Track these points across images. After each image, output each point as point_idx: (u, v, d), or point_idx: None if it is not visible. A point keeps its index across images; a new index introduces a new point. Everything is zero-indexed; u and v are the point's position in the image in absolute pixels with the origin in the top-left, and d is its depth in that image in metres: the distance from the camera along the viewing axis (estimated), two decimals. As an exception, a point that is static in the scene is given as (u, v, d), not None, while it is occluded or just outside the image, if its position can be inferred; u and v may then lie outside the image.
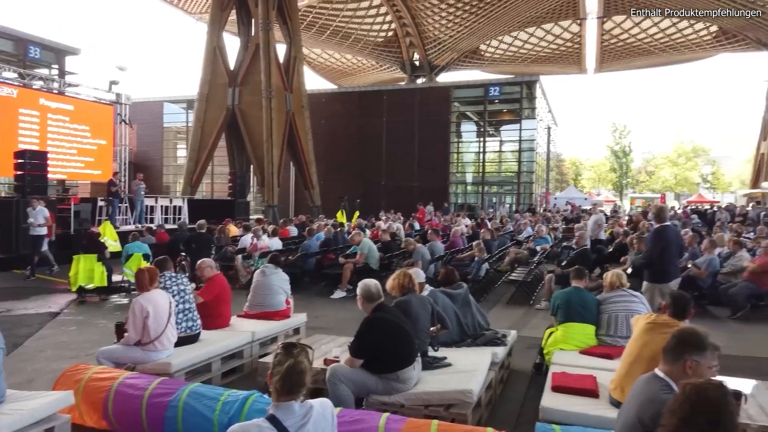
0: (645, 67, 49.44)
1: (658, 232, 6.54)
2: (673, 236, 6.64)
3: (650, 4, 35.77)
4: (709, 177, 59.92)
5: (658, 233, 6.53)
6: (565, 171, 65.02)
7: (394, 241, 13.02)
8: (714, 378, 2.21)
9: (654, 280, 6.42)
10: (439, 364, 4.58)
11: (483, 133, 34.05)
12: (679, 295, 4.02)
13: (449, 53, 41.83)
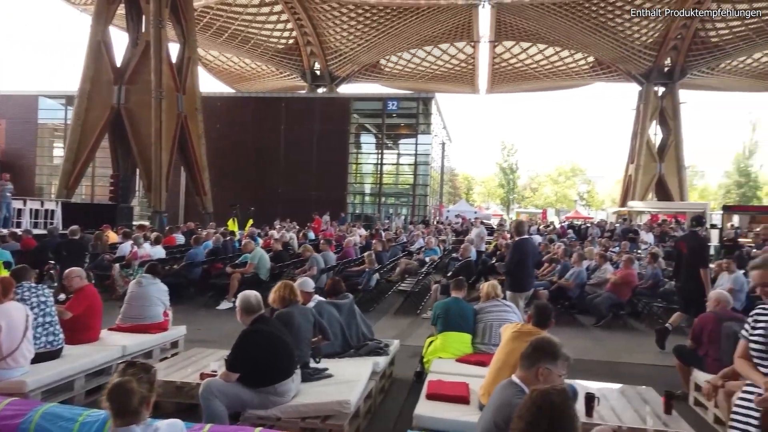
0: (532, 91, 53.00)
1: (518, 244, 7.03)
2: (531, 249, 7.17)
3: (536, 34, 38.53)
4: (585, 195, 65.21)
5: (518, 246, 7.02)
6: (458, 185, 67.80)
7: (287, 250, 12.87)
8: (558, 384, 2.40)
9: (513, 290, 6.88)
10: (320, 375, 4.58)
11: (381, 145, 34.72)
12: (543, 305, 4.32)
13: (350, 65, 42.27)
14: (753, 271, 2.84)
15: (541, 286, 9.69)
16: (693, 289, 7.51)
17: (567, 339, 8.31)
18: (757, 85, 44.68)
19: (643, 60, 39.46)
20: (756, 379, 2.76)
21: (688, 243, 8.04)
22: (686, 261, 7.74)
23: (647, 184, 41.84)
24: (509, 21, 36.90)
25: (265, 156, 32.54)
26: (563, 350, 2.63)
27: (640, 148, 41.43)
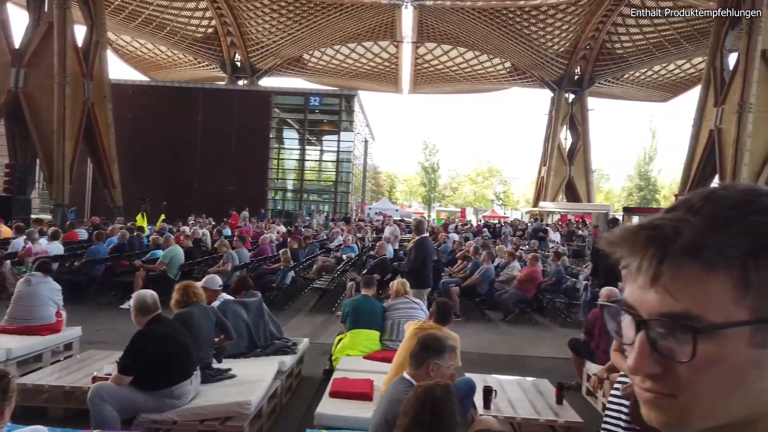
0: (453, 93, 54.35)
1: (420, 243, 7.21)
2: (431, 247, 7.41)
3: (457, 37, 39.51)
4: (501, 195, 67.71)
5: (420, 244, 7.20)
6: (381, 183, 68.36)
7: (199, 247, 12.45)
8: (443, 380, 2.48)
9: (417, 287, 7.07)
10: (222, 376, 4.47)
11: (303, 141, 34.32)
12: (443, 303, 4.45)
13: (272, 58, 41.41)
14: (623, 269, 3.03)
15: (452, 283, 9.97)
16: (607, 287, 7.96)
17: (476, 333, 8.65)
18: (656, 95, 48.27)
19: (556, 68, 41.51)
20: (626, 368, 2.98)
21: None
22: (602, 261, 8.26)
23: (558, 185, 44.07)
24: (431, 23, 37.58)
25: (180, 148, 31.21)
26: (448, 343, 2.72)
27: (551, 151, 43.57)
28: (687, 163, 27.17)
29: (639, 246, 0.56)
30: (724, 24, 25.46)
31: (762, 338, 0.52)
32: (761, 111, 22.98)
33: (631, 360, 0.55)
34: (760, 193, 0.56)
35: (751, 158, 22.96)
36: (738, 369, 0.52)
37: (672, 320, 0.53)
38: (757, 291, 0.52)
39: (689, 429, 0.55)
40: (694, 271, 0.53)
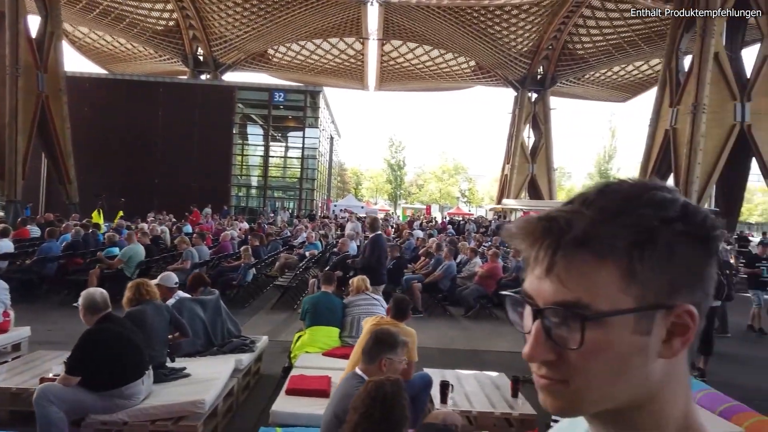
0: (419, 90, 54.53)
1: (375, 240, 7.25)
2: (385, 244, 7.50)
3: (422, 35, 39.68)
4: (466, 192, 68.40)
5: (374, 241, 7.24)
6: (347, 180, 68.16)
7: (158, 244, 12.20)
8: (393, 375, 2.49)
9: (372, 283, 7.12)
10: (176, 375, 4.39)
11: (267, 137, 33.89)
12: (400, 299, 4.46)
13: (236, 53, 40.77)
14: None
15: (415, 279, 10.03)
16: None
17: (437, 329, 8.73)
18: (616, 95, 49.54)
19: (519, 67, 42.15)
20: None
21: None
22: None
23: (521, 183, 44.82)
24: (397, 20, 37.64)
25: (139, 144, 30.40)
26: (401, 338, 2.73)
27: (515, 149, 44.28)
28: (644, 162, 27.97)
29: (536, 238, 0.58)
30: (679, 27, 26.28)
31: (646, 326, 0.54)
32: (714, 112, 23.83)
33: (526, 347, 0.57)
34: (650, 187, 0.58)
35: (704, 158, 23.79)
36: (624, 355, 0.54)
37: (564, 309, 0.54)
38: (641, 281, 0.54)
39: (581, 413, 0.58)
40: (584, 261, 0.55)
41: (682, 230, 0.55)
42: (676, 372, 0.57)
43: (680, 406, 0.58)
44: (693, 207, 0.58)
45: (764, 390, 6.39)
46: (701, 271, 0.57)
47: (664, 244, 0.54)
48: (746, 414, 4.26)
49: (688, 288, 0.56)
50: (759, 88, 24.10)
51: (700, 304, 0.56)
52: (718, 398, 4.62)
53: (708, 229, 0.57)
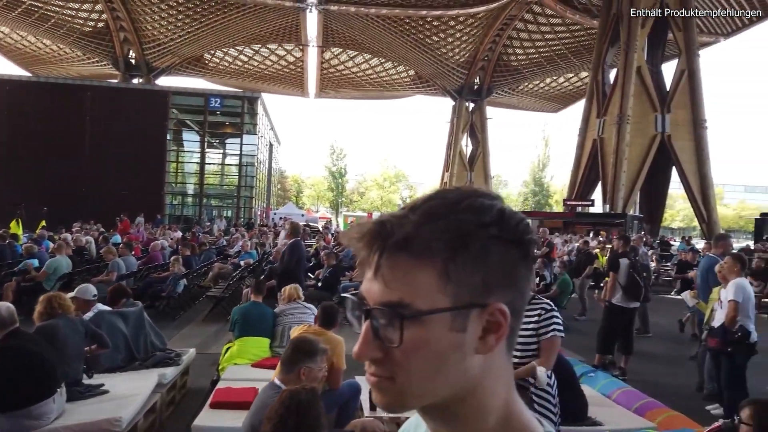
0: (359, 98, 54.73)
1: (293, 245, 7.23)
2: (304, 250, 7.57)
3: (362, 43, 39.91)
4: (407, 200, 69.04)
5: (293, 247, 7.21)
6: (287, 187, 67.34)
7: (82, 255, 11.62)
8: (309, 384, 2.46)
9: None
10: (93, 392, 4.16)
11: (203, 143, 32.99)
12: (328, 306, 4.44)
13: (171, 56, 39.61)
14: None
15: (352, 287, 10.00)
16: None
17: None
18: (548, 106, 51.55)
19: (456, 77, 43.14)
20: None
21: None
22: None
23: (460, 190, 45.75)
24: (336, 28, 37.70)
25: (64, 150, 28.78)
26: (320, 346, 2.70)
27: (453, 157, 45.27)
28: (574, 170, 29.23)
29: (368, 241, 0.60)
30: (604, 41, 27.69)
31: (461, 323, 0.57)
32: (637, 122, 25.24)
33: (355, 346, 0.59)
34: (474, 194, 0.62)
35: (629, 166, 25.12)
36: (442, 352, 0.57)
37: (388, 309, 0.57)
38: (456, 281, 0.57)
39: (406, 408, 0.60)
40: (405, 262, 0.57)
41: (496, 234, 0.59)
42: (495, 366, 0.61)
43: (501, 397, 0.61)
44: (509, 213, 0.61)
45: (679, 386, 6.75)
46: (514, 272, 0.60)
47: (478, 246, 0.58)
48: (659, 410, 4.49)
49: (501, 288, 0.59)
50: (677, 100, 25.74)
51: (513, 303, 0.60)
52: (635, 395, 4.84)
53: (521, 233, 0.61)
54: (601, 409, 4.43)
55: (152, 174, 30.20)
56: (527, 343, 3.04)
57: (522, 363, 3.02)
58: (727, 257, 5.69)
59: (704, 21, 31.83)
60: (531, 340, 3.03)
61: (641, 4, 25.14)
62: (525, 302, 0.63)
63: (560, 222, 26.91)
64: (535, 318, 3.04)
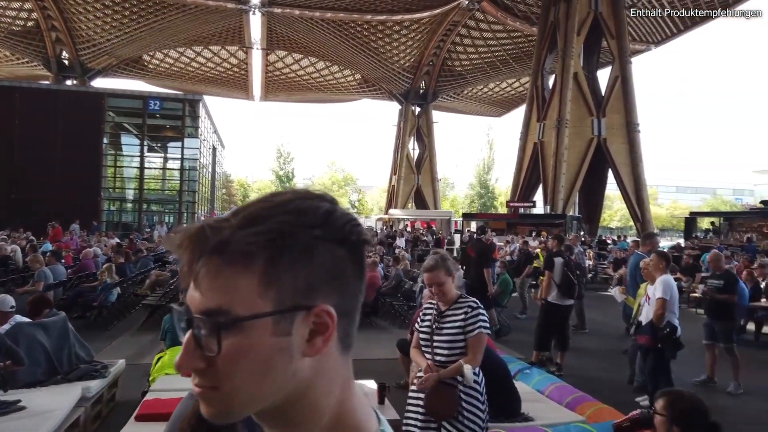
0: (306, 101, 54.34)
1: None
2: None
3: (307, 47, 39.67)
4: (356, 203, 69.03)
5: None
6: (233, 192, 66.06)
7: (7, 265, 10.99)
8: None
9: None
10: (8, 409, 3.92)
11: (143, 147, 31.83)
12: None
13: (107, 57, 38.09)
14: (424, 273, 3.18)
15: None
16: (478, 286, 8.92)
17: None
18: (492, 110, 52.74)
19: (402, 81, 43.49)
20: (421, 363, 3.12)
21: (475, 248, 9.52)
22: (474, 262, 9.21)
23: (407, 193, 46.17)
24: (281, 31, 37.31)
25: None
26: None
27: (401, 161, 45.59)
28: (516, 173, 30.00)
29: (187, 247, 0.57)
30: (543, 48, 28.58)
31: (285, 327, 0.56)
32: (575, 126, 26.16)
33: (177, 358, 0.56)
34: (304, 196, 0.60)
35: (568, 168, 25.99)
36: (266, 357, 0.55)
37: (207, 317, 0.55)
38: (277, 285, 0.56)
39: (235, 417, 0.57)
40: (223, 268, 0.55)
41: (320, 235, 0.57)
42: (328, 367, 0.60)
43: (334, 397, 0.61)
44: (338, 214, 0.60)
45: (612, 379, 7.01)
46: (342, 273, 0.59)
47: (300, 248, 0.56)
48: (589, 403, 4.64)
49: (328, 289, 0.58)
50: (612, 105, 26.85)
51: (342, 304, 0.59)
52: (567, 390, 4.98)
53: (348, 233, 0.60)
54: (534, 405, 4.53)
55: (88, 179, 28.90)
56: (455, 341, 3.06)
57: (450, 362, 3.04)
58: (653, 255, 5.94)
59: (636, 30, 33.42)
60: (458, 338, 3.06)
61: (576, 13, 26.13)
62: (357, 302, 0.62)
63: (504, 223, 27.55)
64: (462, 316, 3.07)
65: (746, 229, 22.01)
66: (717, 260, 7.14)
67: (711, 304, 6.83)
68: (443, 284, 3.11)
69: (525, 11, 33.94)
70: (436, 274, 3.11)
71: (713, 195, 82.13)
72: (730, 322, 6.70)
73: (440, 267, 3.11)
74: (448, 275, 3.12)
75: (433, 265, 3.14)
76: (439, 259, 3.19)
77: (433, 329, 3.14)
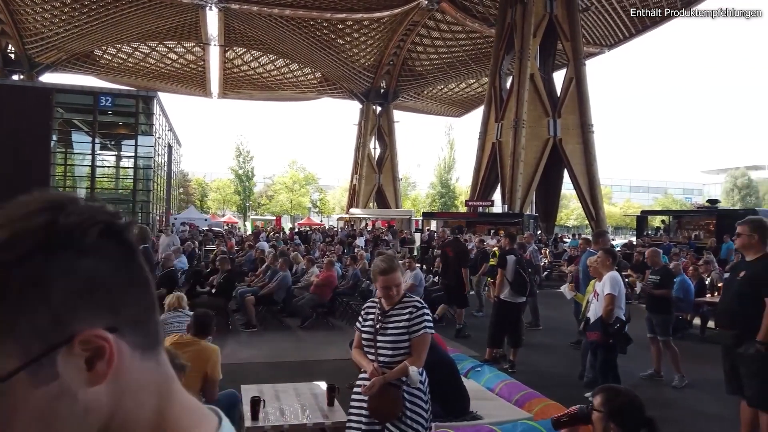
0: (266, 99, 53.61)
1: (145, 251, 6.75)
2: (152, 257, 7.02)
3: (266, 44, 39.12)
4: (318, 203, 68.50)
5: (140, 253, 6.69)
6: (191, 191, 64.64)
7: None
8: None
9: None
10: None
11: (94, 145, 30.73)
12: (202, 314, 4.20)
13: (56, 52, 36.65)
14: (379, 276, 3.07)
15: (249, 292, 9.69)
16: (455, 284, 9.25)
17: (270, 342, 8.51)
18: (452, 110, 53.24)
19: (363, 80, 43.41)
20: (365, 365, 3.06)
21: (453, 247, 9.69)
22: (452, 261, 9.45)
23: (369, 193, 46.13)
24: (239, 27, 36.67)
25: (-71, 152, 25.81)
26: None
27: (362, 160, 45.51)
28: (475, 172, 30.31)
29: None
30: (500, 49, 28.96)
31: (46, 374, 0.49)
32: (531, 126, 26.60)
33: None
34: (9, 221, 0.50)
35: (525, 168, 26.41)
36: (41, 411, 0.49)
37: None
38: (11, 335, 0.48)
39: None
40: None
41: (44, 259, 0.49)
42: (129, 382, 0.54)
43: (149, 408, 0.56)
44: (60, 224, 0.50)
45: (564, 375, 7.12)
46: (100, 284, 0.52)
47: (21, 285, 0.48)
48: (537, 400, 4.67)
49: (87, 310, 0.51)
50: (567, 106, 27.42)
51: (119, 316, 0.53)
52: (516, 387, 5.01)
53: (80, 238, 0.51)
54: (483, 403, 4.53)
55: (35, 178, 27.68)
56: (399, 341, 3.01)
57: (394, 362, 2.99)
58: (600, 251, 6.05)
59: (590, 33, 34.27)
60: (402, 338, 3.01)
61: (533, 15, 26.59)
62: (144, 302, 0.55)
63: (463, 222, 27.80)
64: (406, 316, 3.02)
65: (693, 227, 22.82)
66: (654, 256, 7.39)
67: (649, 298, 7.05)
68: (400, 285, 3.07)
69: (483, 12, 34.34)
70: (393, 276, 3.05)
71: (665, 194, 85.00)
72: (666, 315, 6.92)
73: (396, 268, 3.07)
74: (402, 274, 3.11)
75: (389, 266, 3.08)
76: (392, 260, 3.14)
77: (377, 329, 3.08)
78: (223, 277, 9.34)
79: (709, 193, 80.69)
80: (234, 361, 7.42)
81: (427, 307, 3.14)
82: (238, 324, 9.67)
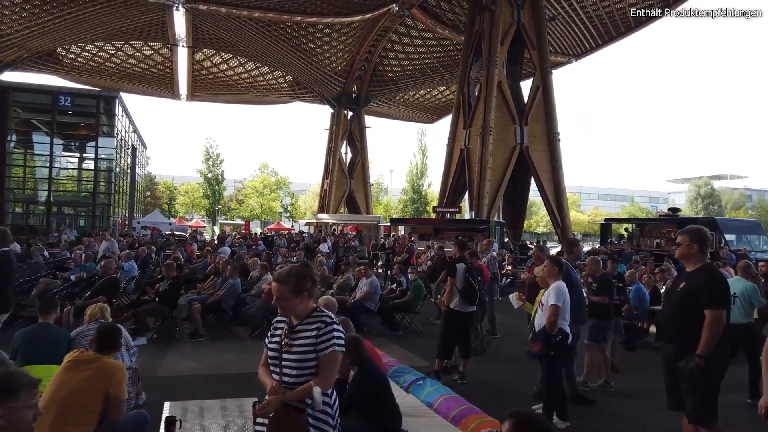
0: (236, 103, 52.87)
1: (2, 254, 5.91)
2: (12, 263, 6.20)
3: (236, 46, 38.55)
4: (289, 207, 67.78)
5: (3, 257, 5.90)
6: (158, 195, 63.37)
7: None
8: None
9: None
10: None
11: (52, 146, 29.77)
12: (109, 328, 3.90)
13: (16, 50, 35.40)
14: (274, 283, 2.86)
15: (197, 300, 9.33)
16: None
17: (216, 353, 8.16)
18: (424, 116, 53.36)
19: (335, 85, 43.15)
20: (268, 384, 2.80)
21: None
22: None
23: (340, 198, 45.81)
24: (207, 29, 36.03)
25: None
26: (24, 378, 2.18)
27: (333, 165, 45.21)
28: (444, 178, 30.28)
29: None
30: (469, 56, 29.05)
31: None
32: (499, 134, 26.68)
33: None
34: None
35: (492, 174, 26.46)
36: None
37: None
38: None
39: None
40: None
41: None
42: None
43: None
44: None
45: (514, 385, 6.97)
46: None
47: None
48: (474, 416, 4.48)
49: None
50: (533, 114, 27.62)
51: None
52: (455, 402, 4.81)
53: None
54: (417, 420, 4.32)
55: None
56: (305, 360, 2.75)
57: (299, 383, 2.74)
58: (546, 260, 5.89)
59: (558, 43, 34.68)
60: (309, 356, 2.75)
61: (500, 23, 26.73)
62: None
63: (431, 228, 27.72)
64: (314, 332, 2.77)
65: (655, 235, 23.12)
66: (593, 264, 7.34)
67: (590, 305, 7.02)
68: (287, 301, 2.81)
69: (453, 20, 34.46)
70: (280, 289, 2.81)
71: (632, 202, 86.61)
72: (601, 321, 6.91)
73: (287, 282, 2.80)
74: (296, 295, 2.81)
75: (279, 276, 2.85)
76: (291, 273, 2.87)
77: (282, 346, 2.83)
78: (168, 284, 8.96)
79: (674, 202, 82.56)
80: (170, 373, 7.07)
81: (338, 323, 2.90)
82: (185, 333, 9.30)
